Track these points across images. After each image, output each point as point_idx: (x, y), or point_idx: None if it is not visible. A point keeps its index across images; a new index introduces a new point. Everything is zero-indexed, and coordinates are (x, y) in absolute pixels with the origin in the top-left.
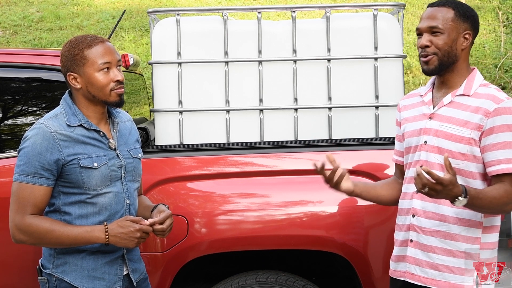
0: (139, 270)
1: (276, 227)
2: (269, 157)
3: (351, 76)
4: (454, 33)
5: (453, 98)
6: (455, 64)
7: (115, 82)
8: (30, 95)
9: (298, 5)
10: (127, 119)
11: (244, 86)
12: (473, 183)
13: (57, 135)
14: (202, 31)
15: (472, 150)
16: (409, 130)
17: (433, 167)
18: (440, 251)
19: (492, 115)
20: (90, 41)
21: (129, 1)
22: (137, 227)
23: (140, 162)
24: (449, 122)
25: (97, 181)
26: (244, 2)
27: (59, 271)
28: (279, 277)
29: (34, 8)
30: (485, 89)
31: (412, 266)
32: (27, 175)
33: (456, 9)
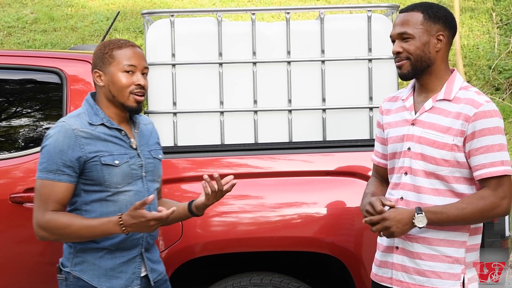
0: (158, 271)
1: (271, 229)
2: (263, 159)
3: (345, 78)
4: (425, 36)
5: (434, 104)
6: (432, 67)
7: (136, 85)
8: (24, 97)
9: (292, 7)
10: (148, 122)
11: (238, 87)
12: (458, 188)
13: (79, 132)
14: (196, 32)
15: (455, 156)
16: (392, 136)
17: (417, 174)
18: (427, 257)
19: (472, 120)
20: (121, 44)
21: (123, 2)
22: (148, 217)
23: (160, 163)
24: (432, 128)
25: (118, 178)
26: (238, 3)
27: (77, 269)
28: (273, 278)
29: (28, 9)
30: (465, 92)
31: (399, 273)
32: (49, 172)
33: (425, 12)
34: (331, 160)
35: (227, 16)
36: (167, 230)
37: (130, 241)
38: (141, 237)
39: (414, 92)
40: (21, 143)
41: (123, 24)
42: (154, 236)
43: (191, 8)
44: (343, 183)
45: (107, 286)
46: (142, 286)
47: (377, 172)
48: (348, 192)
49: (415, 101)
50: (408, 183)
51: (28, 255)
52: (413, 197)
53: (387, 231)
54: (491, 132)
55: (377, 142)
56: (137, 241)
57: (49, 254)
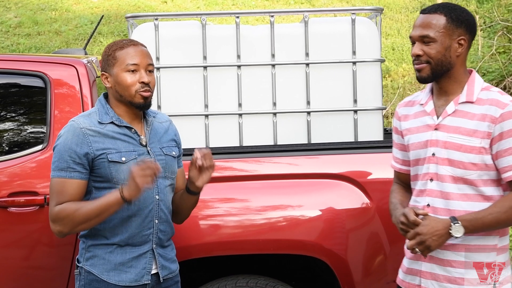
0: (169, 269)
1: (256, 232)
2: (249, 162)
3: (329, 81)
4: (447, 40)
5: (456, 107)
6: (451, 71)
7: (141, 83)
8: (8, 101)
9: (276, 10)
10: (165, 120)
11: (223, 90)
12: (486, 190)
13: (87, 130)
14: (181, 36)
15: (484, 159)
16: (414, 142)
17: (444, 180)
18: (457, 264)
19: (499, 121)
20: (123, 44)
21: (107, 6)
22: (131, 170)
23: (174, 160)
24: (457, 132)
25: (125, 175)
26: (222, 7)
27: (88, 264)
28: (259, 281)
29: (12, 13)
30: (488, 93)
31: (429, 281)
32: (61, 170)
33: (448, 15)
34: (316, 162)
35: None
36: None
37: (140, 237)
38: (151, 233)
39: (433, 96)
40: (5, 147)
41: (107, 27)
42: (167, 232)
43: (175, 11)
44: (328, 186)
45: (116, 280)
46: (153, 283)
47: (399, 178)
48: (334, 195)
49: (435, 105)
50: (435, 190)
51: (13, 259)
52: (440, 204)
53: (423, 245)
54: None
55: (396, 148)
56: (147, 237)
57: (35, 259)
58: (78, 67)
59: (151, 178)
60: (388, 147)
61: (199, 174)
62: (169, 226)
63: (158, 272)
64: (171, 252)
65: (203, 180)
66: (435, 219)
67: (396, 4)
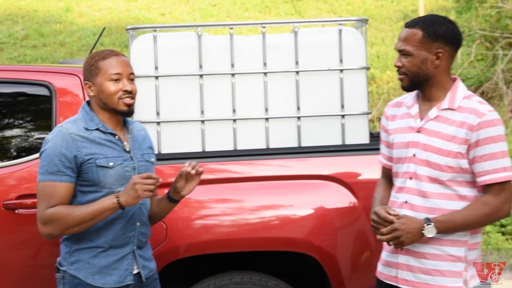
0: (149, 268)
1: (250, 230)
2: (243, 164)
3: (318, 87)
4: (424, 54)
5: (438, 112)
6: (432, 80)
7: (124, 91)
8: (16, 109)
9: (267, 21)
10: (142, 128)
11: (218, 97)
12: (461, 190)
13: (75, 136)
14: (178, 46)
15: (459, 163)
16: (398, 141)
17: (421, 179)
18: (431, 257)
19: (476, 129)
20: (106, 54)
21: (109, 19)
22: (134, 180)
23: (153, 166)
24: (437, 136)
25: (112, 179)
26: (217, 18)
27: (73, 268)
28: (253, 277)
29: (19, 26)
30: (468, 102)
31: (405, 272)
32: (51, 174)
33: (425, 30)
34: (306, 165)
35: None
36: (152, 232)
37: (122, 239)
38: (132, 235)
39: (419, 100)
40: (14, 153)
41: (109, 39)
42: (146, 234)
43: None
44: (318, 186)
45: (101, 282)
46: (135, 282)
47: (385, 173)
48: (323, 195)
49: (420, 109)
50: (413, 188)
51: (21, 259)
52: (418, 201)
53: (397, 240)
54: (494, 140)
55: (383, 145)
56: (129, 239)
57: (41, 258)
58: (81, 76)
59: (152, 190)
60: (373, 150)
61: (185, 184)
62: (148, 229)
63: (139, 272)
64: (148, 251)
65: (188, 190)
66: (412, 219)
67: (380, 15)
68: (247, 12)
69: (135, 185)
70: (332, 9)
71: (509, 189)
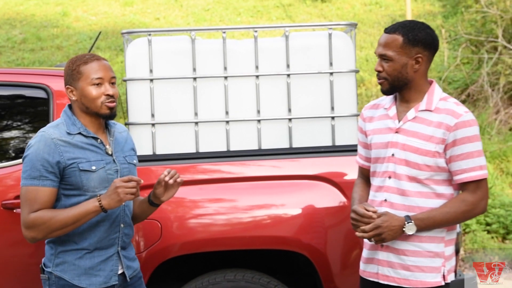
0: (133, 268)
1: (243, 229)
2: (235, 165)
3: (309, 90)
4: (404, 59)
5: (416, 114)
6: (411, 83)
7: (106, 95)
8: (15, 111)
9: (259, 25)
10: (123, 130)
11: (211, 99)
12: (438, 189)
13: (58, 141)
14: (172, 50)
15: (437, 162)
16: (377, 142)
17: (401, 178)
18: (411, 253)
19: (453, 129)
20: (87, 59)
21: (104, 23)
22: (116, 184)
23: (135, 168)
24: (415, 136)
25: (95, 183)
26: (210, 23)
27: (58, 269)
28: (245, 274)
29: (17, 30)
30: (445, 103)
31: (385, 268)
32: (33, 178)
33: (405, 35)
34: (297, 165)
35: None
36: (146, 232)
37: (107, 241)
38: (117, 237)
39: (396, 102)
40: (12, 154)
41: (104, 43)
42: (130, 235)
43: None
44: (308, 186)
45: (87, 283)
46: (120, 282)
47: (362, 173)
48: (314, 194)
49: (398, 110)
50: (392, 186)
51: (19, 257)
52: (397, 199)
53: (379, 237)
54: (470, 140)
55: (360, 146)
56: (113, 241)
57: (38, 256)
58: None
59: (134, 193)
60: None
61: (165, 191)
62: (131, 229)
63: (123, 272)
64: (131, 251)
65: (167, 196)
66: (393, 216)
67: (369, 20)
68: (240, 17)
69: (117, 189)
70: (322, 14)
71: (485, 186)
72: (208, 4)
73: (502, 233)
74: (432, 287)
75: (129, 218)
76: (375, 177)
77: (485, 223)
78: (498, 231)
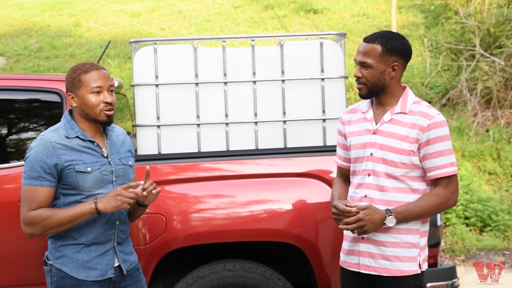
0: (130, 261)
1: (241, 222)
2: (234, 163)
3: (302, 94)
4: (382, 66)
5: (392, 116)
6: (387, 89)
7: (105, 103)
8: (31, 114)
9: (256, 35)
10: (121, 133)
11: (212, 103)
12: (413, 184)
13: (56, 144)
14: (176, 57)
15: (412, 160)
16: (356, 143)
17: (379, 175)
18: (390, 244)
19: (426, 129)
20: (87, 68)
21: (114, 33)
22: (117, 191)
23: (131, 169)
24: (391, 137)
25: (90, 183)
26: (211, 33)
27: (58, 262)
28: (244, 264)
29: (33, 39)
30: (418, 106)
31: (366, 259)
32: (32, 178)
33: (384, 45)
34: (291, 163)
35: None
36: (152, 225)
37: (103, 237)
38: (113, 233)
39: (372, 106)
40: None
41: (114, 51)
42: (126, 231)
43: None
44: (301, 183)
45: (84, 276)
46: (116, 275)
47: (341, 172)
48: (306, 191)
49: (375, 113)
50: (372, 183)
51: (33, 248)
52: (376, 195)
53: (361, 229)
54: (442, 139)
55: (339, 147)
56: (109, 237)
57: None
58: None
59: (131, 203)
60: None
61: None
62: (127, 226)
63: (120, 265)
64: (128, 246)
65: (149, 201)
66: (375, 210)
67: (357, 30)
68: (238, 27)
69: (117, 196)
70: (314, 24)
71: (455, 181)
72: (209, 16)
73: (480, 226)
74: (409, 275)
75: (124, 216)
76: (355, 176)
77: (464, 217)
78: (476, 224)
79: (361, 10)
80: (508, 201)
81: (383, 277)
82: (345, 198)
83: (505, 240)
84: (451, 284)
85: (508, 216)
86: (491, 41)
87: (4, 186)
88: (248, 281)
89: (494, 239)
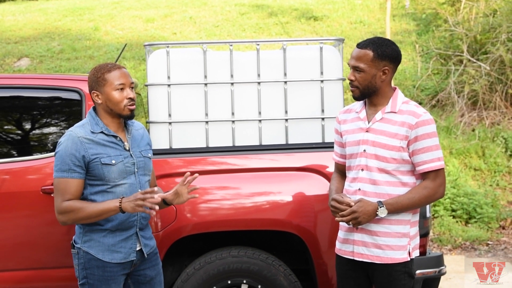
0: (150, 246)
1: (245, 212)
2: (239, 158)
3: (302, 94)
4: (373, 70)
5: (383, 115)
6: (378, 91)
7: (128, 99)
8: (53, 110)
9: (261, 40)
10: (140, 127)
11: (219, 102)
12: (403, 178)
13: (83, 139)
14: (187, 59)
15: (402, 155)
16: (350, 140)
17: (372, 170)
18: (382, 234)
19: (414, 127)
20: (110, 67)
21: (130, 37)
22: (137, 196)
23: (150, 161)
24: (383, 134)
25: (115, 174)
26: (220, 37)
27: (86, 246)
28: (247, 251)
29: (56, 42)
30: (407, 106)
31: (360, 247)
32: (63, 171)
33: (375, 51)
34: (292, 158)
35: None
36: (164, 214)
37: (127, 223)
38: (135, 220)
39: (365, 106)
40: (50, 146)
41: (129, 53)
42: (147, 218)
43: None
44: (302, 177)
45: (109, 258)
46: (138, 258)
47: (338, 168)
48: (306, 183)
49: (367, 113)
50: (365, 177)
51: (55, 235)
52: (369, 188)
53: (356, 220)
54: (429, 136)
55: (336, 145)
56: (132, 223)
57: (71, 233)
58: None
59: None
60: None
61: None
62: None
63: (141, 249)
64: (148, 231)
65: (178, 202)
66: (367, 202)
67: (354, 35)
68: (244, 32)
69: (136, 201)
70: (314, 31)
71: (443, 175)
72: (217, 22)
73: (465, 218)
74: (399, 262)
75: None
76: (350, 171)
77: (451, 209)
78: (462, 216)
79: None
80: (492, 195)
81: (375, 264)
82: (341, 192)
83: (488, 231)
84: (438, 271)
85: (491, 209)
86: (477, 48)
87: (28, 176)
88: (251, 267)
89: (478, 230)
